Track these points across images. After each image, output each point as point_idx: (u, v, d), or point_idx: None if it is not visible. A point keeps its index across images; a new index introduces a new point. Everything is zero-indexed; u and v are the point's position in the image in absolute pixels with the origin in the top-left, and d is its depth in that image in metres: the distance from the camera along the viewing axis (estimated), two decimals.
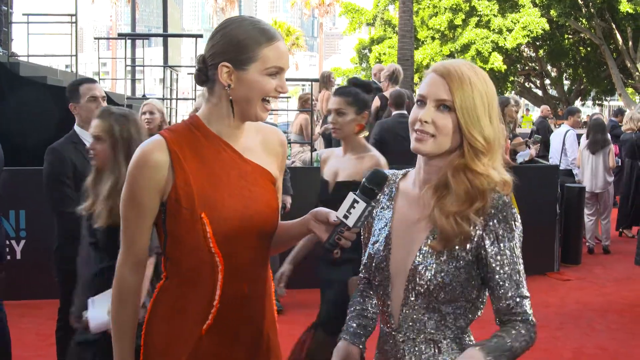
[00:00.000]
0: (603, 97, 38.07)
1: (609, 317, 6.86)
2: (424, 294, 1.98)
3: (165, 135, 2.14)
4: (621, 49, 30.36)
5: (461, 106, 1.96)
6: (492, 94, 2.02)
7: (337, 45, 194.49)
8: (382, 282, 2.09)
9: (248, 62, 2.10)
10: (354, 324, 2.20)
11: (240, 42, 2.09)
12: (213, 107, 2.18)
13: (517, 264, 1.98)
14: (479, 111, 1.97)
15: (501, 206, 1.98)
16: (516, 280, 1.97)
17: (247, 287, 2.21)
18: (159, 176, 2.09)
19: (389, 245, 2.09)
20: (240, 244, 2.16)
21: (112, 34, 56.17)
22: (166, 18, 16.62)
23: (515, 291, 1.97)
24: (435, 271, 1.96)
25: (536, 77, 36.30)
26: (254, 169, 2.22)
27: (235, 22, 2.15)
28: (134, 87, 15.25)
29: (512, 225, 1.98)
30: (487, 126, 1.98)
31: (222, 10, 64.21)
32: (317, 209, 2.21)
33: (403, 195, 2.15)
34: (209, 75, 2.16)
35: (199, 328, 2.16)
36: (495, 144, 2.00)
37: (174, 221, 2.12)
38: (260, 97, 2.13)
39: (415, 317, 2.02)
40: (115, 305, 2.21)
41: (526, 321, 1.98)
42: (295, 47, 62.40)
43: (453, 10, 30.49)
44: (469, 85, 1.97)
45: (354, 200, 2.07)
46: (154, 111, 5.81)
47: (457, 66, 2.01)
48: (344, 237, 2.07)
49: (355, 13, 34.88)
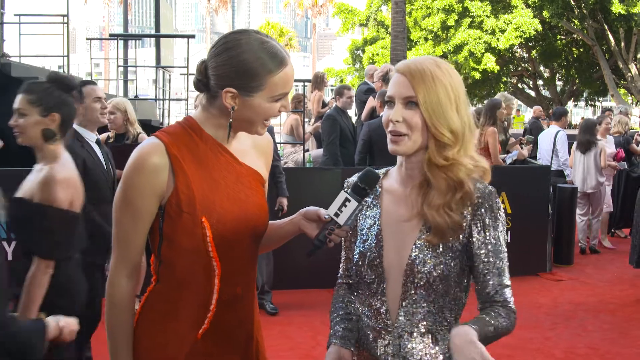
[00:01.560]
0: (595, 98, 38.17)
1: (601, 317, 6.87)
2: (424, 287, 2.03)
3: (162, 138, 2.09)
4: (613, 49, 30.46)
5: (425, 101, 2.01)
6: (457, 85, 2.06)
7: (330, 46, 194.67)
8: (376, 279, 2.12)
9: (255, 90, 2.05)
10: (340, 327, 2.20)
11: (248, 70, 2.02)
12: (211, 116, 2.15)
13: (501, 252, 2.05)
14: (444, 103, 2.02)
15: (487, 195, 2.05)
16: (499, 269, 2.04)
17: (241, 289, 2.21)
18: (158, 180, 2.05)
19: (381, 242, 2.13)
20: (236, 247, 2.15)
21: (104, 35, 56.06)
22: (159, 18, 16.58)
23: (497, 279, 2.03)
24: (435, 263, 2.02)
25: (529, 78, 36.39)
26: (248, 172, 2.22)
27: (243, 45, 2.04)
28: (126, 88, 15.23)
29: (497, 214, 2.05)
30: (453, 118, 2.03)
31: (215, 11, 64.19)
32: (306, 208, 2.24)
33: (388, 194, 2.20)
34: (209, 87, 2.10)
35: (194, 332, 2.14)
36: (464, 134, 2.05)
37: (172, 224, 2.08)
38: (263, 119, 2.12)
39: (414, 310, 2.06)
40: (112, 312, 2.14)
41: (506, 307, 2.03)
42: (288, 47, 62.42)
43: (446, 11, 30.55)
44: (431, 80, 2.02)
45: (346, 199, 2.10)
46: (114, 111, 5.83)
47: (418, 63, 2.06)
48: (335, 234, 2.11)
49: (349, 14, 34.92)
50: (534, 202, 8.23)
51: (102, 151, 4.61)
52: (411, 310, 2.07)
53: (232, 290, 2.16)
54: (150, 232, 2.14)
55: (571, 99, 36.86)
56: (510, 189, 7.83)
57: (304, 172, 8.29)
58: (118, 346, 2.15)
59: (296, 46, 68.00)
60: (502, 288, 2.03)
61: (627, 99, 33.31)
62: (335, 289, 2.35)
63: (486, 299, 2.04)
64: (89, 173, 4.39)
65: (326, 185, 7.29)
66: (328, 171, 7.55)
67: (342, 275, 2.33)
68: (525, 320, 6.47)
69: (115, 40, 12.57)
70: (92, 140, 4.54)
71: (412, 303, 2.06)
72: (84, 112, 4.52)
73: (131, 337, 2.15)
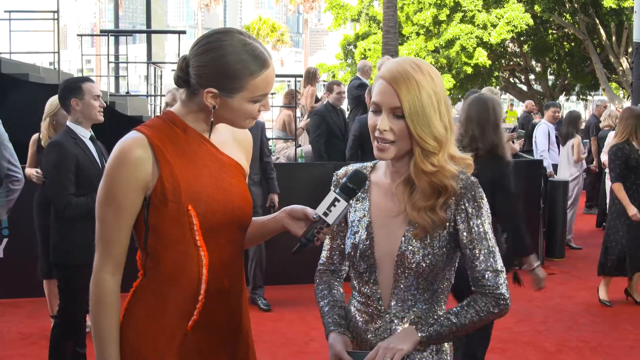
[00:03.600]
0: (587, 92, 38.22)
1: (592, 311, 6.91)
2: (414, 276, 2.12)
3: (144, 131, 2.10)
4: (605, 44, 30.50)
5: (410, 112, 2.05)
6: (440, 89, 2.12)
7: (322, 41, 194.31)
8: (368, 269, 2.20)
9: (235, 91, 2.07)
10: (335, 315, 2.27)
11: (230, 72, 2.05)
12: (191, 111, 2.17)
13: (487, 238, 2.12)
14: (428, 111, 2.07)
15: (470, 186, 2.12)
16: (485, 254, 2.11)
17: (228, 282, 2.21)
18: (142, 173, 2.05)
19: (372, 234, 2.20)
20: (223, 237, 2.16)
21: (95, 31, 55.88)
22: (150, 14, 16.54)
23: (484, 264, 2.11)
24: (424, 254, 2.11)
25: (521, 73, 36.41)
26: (230, 162, 2.24)
27: (226, 47, 2.06)
28: (117, 84, 15.21)
29: (480, 203, 2.12)
30: (437, 125, 2.07)
31: (206, 7, 64.03)
32: (291, 206, 2.27)
33: (376, 187, 2.26)
34: (190, 84, 2.12)
35: (184, 324, 2.14)
36: (446, 138, 2.10)
37: (158, 215, 2.08)
38: (244, 120, 2.15)
39: (406, 297, 2.16)
40: (98, 310, 2.11)
41: (490, 294, 2.10)
42: (280, 43, 62.33)
43: (437, 5, 30.53)
44: (415, 87, 2.06)
45: (335, 199, 2.14)
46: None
47: (402, 69, 2.09)
48: (322, 232, 2.15)
49: (340, 9, 34.83)
50: (526, 196, 8.25)
51: (96, 148, 4.61)
52: (402, 297, 2.16)
53: (219, 282, 2.17)
54: (135, 226, 2.13)
55: (563, 93, 36.86)
56: None
57: (296, 167, 8.29)
58: (105, 344, 2.11)
59: (288, 42, 67.84)
60: (491, 273, 2.10)
61: (619, 93, 33.38)
62: (318, 275, 2.42)
63: (475, 284, 2.13)
64: (82, 170, 4.41)
65: (317, 180, 7.30)
66: (319, 166, 7.56)
67: (325, 263, 2.41)
68: (517, 314, 6.51)
69: (107, 36, 12.52)
70: (86, 137, 4.54)
71: (403, 290, 2.16)
72: (82, 109, 4.51)
73: (118, 335, 2.12)
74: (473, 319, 2.09)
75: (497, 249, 2.14)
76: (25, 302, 6.77)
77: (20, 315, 6.48)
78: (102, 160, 4.64)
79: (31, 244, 6.15)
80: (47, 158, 4.46)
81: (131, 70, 41.36)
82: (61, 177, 4.35)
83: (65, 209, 4.32)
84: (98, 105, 4.55)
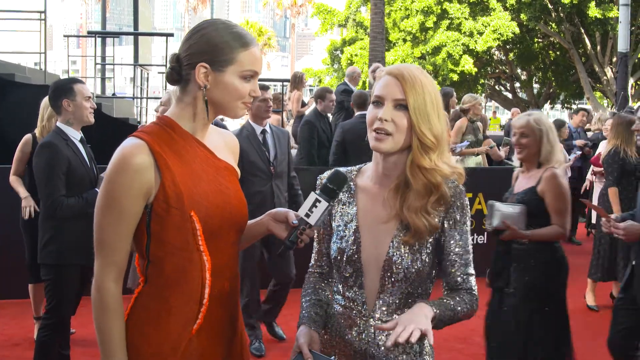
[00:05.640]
0: (572, 101, 38.48)
1: (579, 318, 6.92)
2: (401, 281, 2.18)
3: (144, 137, 2.10)
4: (590, 53, 30.74)
5: (414, 106, 2.14)
6: (438, 94, 2.22)
7: (309, 46, 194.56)
8: (354, 273, 2.24)
9: (226, 64, 2.13)
10: (312, 312, 2.31)
11: (217, 44, 2.12)
12: (186, 107, 2.19)
13: (468, 245, 2.24)
14: (429, 110, 2.16)
15: (458, 194, 2.22)
16: (466, 259, 2.23)
17: (228, 284, 2.24)
18: (144, 179, 2.06)
19: (359, 239, 2.24)
20: (223, 240, 2.19)
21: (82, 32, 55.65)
22: (137, 16, 16.51)
23: (464, 269, 2.22)
24: (412, 260, 2.17)
25: (506, 80, 36.61)
26: (225, 166, 2.27)
27: (212, 25, 2.17)
28: (104, 86, 15.13)
29: (465, 211, 2.23)
30: (435, 123, 2.17)
31: (193, 10, 63.97)
32: (275, 209, 2.32)
33: (363, 191, 2.31)
34: (182, 75, 2.17)
35: (189, 328, 2.15)
36: (442, 139, 2.19)
37: (161, 222, 2.09)
38: (236, 100, 2.17)
39: (391, 301, 2.21)
40: (105, 318, 2.09)
41: (471, 293, 2.23)
42: (267, 47, 62.33)
43: (424, 12, 30.64)
44: (420, 87, 2.16)
45: (316, 200, 2.18)
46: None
47: (409, 69, 2.20)
48: (305, 234, 2.19)
49: (328, 14, 34.91)
50: None
51: (86, 150, 4.60)
52: (387, 301, 2.21)
53: (221, 285, 2.19)
54: (135, 233, 2.13)
55: (548, 101, 37.09)
56: (487, 190, 7.87)
57: None
58: (113, 351, 2.10)
59: (275, 46, 67.90)
60: (468, 277, 2.23)
61: (603, 102, 33.62)
62: (307, 276, 2.47)
63: (453, 287, 2.23)
64: (72, 171, 4.40)
65: (304, 185, 7.30)
66: (305, 171, 7.57)
67: (314, 265, 2.46)
68: None
69: (93, 37, 12.48)
70: (76, 138, 4.53)
71: (388, 295, 2.21)
72: (73, 110, 4.51)
73: (124, 340, 2.12)
74: (464, 310, 2.18)
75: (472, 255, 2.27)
76: (8, 304, 6.73)
77: (5, 317, 6.44)
78: (92, 162, 4.63)
79: (15, 245, 6.11)
80: (38, 158, 4.43)
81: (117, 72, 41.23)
82: (53, 178, 4.33)
83: (57, 209, 4.32)
84: (89, 107, 4.54)
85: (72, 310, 4.60)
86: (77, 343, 5.40)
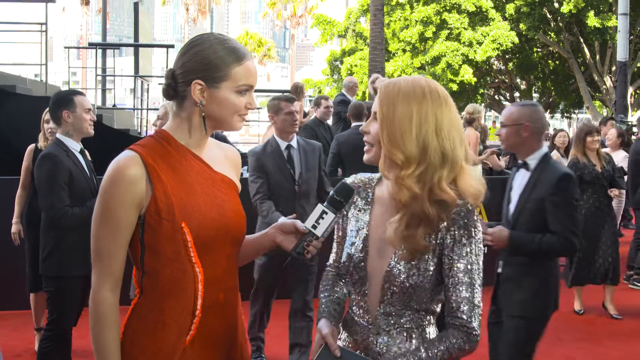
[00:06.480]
0: (571, 110, 38.54)
1: (575, 326, 6.95)
2: (399, 294, 2.15)
3: (137, 150, 2.14)
4: (589, 62, 30.80)
5: (381, 118, 2.12)
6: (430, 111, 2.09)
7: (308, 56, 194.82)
8: (360, 280, 2.25)
9: (220, 80, 2.15)
10: (332, 308, 2.34)
11: (211, 61, 2.14)
12: (182, 121, 2.22)
13: (472, 271, 2.10)
14: (402, 124, 2.08)
15: (464, 213, 2.11)
16: (466, 284, 2.09)
17: (223, 296, 2.24)
18: (137, 190, 2.09)
19: (367, 247, 2.24)
20: (217, 252, 2.20)
21: (82, 43, 55.73)
22: (137, 28, 16.53)
23: (461, 295, 2.09)
24: (408, 274, 2.12)
25: (506, 90, 36.66)
26: (222, 179, 2.28)
27: (206, 41, 2.18)
28: (104, 97, 15.19)
29: (471, 231, 2.10)
30: (407, 141, 2.08)
31: (193, 21, 64.03)
32: (281, 222, 2.33)
33: (378, 201, 2.30)
34: (178, 91, 2.19)
35: (182, 339, 2.16)
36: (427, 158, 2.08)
37: (153, 233, 2.12)
38: (233, 114, 2.19)
39: (391, 312, 2.19)
40: (100, 327, 2.12)
41: (463, 328, 2.08)
42: (266, 58, 62.43)
43: (424, 23, 30.73)
44: (398, 99, 2.11)
45: (323, 211, 2.20)
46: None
47: (396, 81, 2.17)
48: (312, 245, 2.21)
49: (327, 25, 34.99)
50: None
51: (86, 161, 4.62)
52: (387, 312, 2.19)
53: (215, 297, 2.20)
54: (130, 245, 2.16)
55: (547, 111, 37.14)
56: (487, 199, 7.87)
57: None
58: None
59: (275, 57, 67.98)
60: (465, 305, 2.08)
61: (602, 111, 33.65)
62: (325, 273, 2.49)
63: (449, 314, 2.11)
64: (73, 182, 4.41)
65: None
66: None
67: (332, 265, 2.47)
68: None
69: (94, 49, 12.53)
70: (76, 150, 4.55)
71: (389, 305, 2.18)
72: (74, 122, 4.53)
73: (119, 350, 2.15)
74: (443, 356, 2.08)
75: (479, 282, 2.11)
76: (9, 315, 6.73)
77: (6, 328, 6.44)
78: (92, 174, 4.65)
79: (15, 256, 6.12)
80: (40, 170, 4.44)
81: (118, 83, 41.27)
82: (56, 189, 4.34)
83: (63, 219, 4.33)
84: (89, 119, 4.57)
85: (74, 321, 4.60)
86: (79, 354, 5.40)
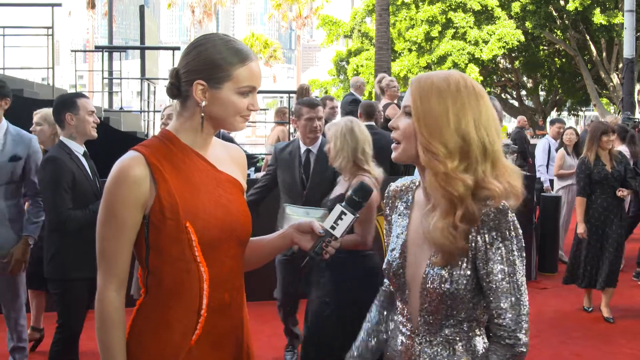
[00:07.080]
0: (578, 108, 38.46)
1: (585, 325, 6.93)
2: (437, 302, 2.05)
3: (141, 150, 2.15)
4: (595, 60, 30.73)
5: (416, 111, 2.01)
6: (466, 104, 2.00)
7: (314, 57, 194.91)
8: (400, 288, 2.18)
9: (222, 81, 2.14)
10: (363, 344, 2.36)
11: (214, 61, 2.14)
12: (185, 121, 2.22)
13: (509, 274, 1.97)
14: (440, 117, 1.98)
15: (493, 214, 1.98)
16: (503, 290, 1.97)
17: (229, 296, 2.24)
18: (141, 191, 2.10)
19: (405, 253, 2.18)
20: (222, 252, 2.19)
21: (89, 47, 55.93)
22: (143, 30, 16.55)
23: (500, 302, 1.98)
24: (441, 281, 2.02)
25: (512, 88, 36.60)
26: (227, 179, 2.28)
27: (210, 42, 2.18)
28: (111, 100, 15.19)
29: (505, 234, 1.97)
30: (447, 134, 1.98)
31: (199, 23, 64.11)
32: (298, 222, 2.30)
33: (417, 205, 2.21)
34: (181, 90, 2.19)
35: (188, 339, 2.16)
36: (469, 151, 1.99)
37: (157, 233, 2.12)
38: (234, 115, 2.19)
39: (432, 321, 2.09)
40: (106, 328, 2.12)
41: (506, 341, 1.99)
42: (272, 59, 62.46)
43: (429, 22, 30.71)
44: (432, 92, 2.01)
45: (342, 212, 2.19)
46: (41, 123, 5.50)
47: (428, 75, 2.08)
48: (330, 246, 2.18)
49: (333, 25, 35.01)
50: (519, 211, 8.25)
51: (89, 164, 4.62)
52: (427, 320, 2.10)
53: (220, 296, 2.20)
54: (135, 245, 2.16)
55: (554, 108, 37.06)
56: None
57: None
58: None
59: (280, 58, 68.00)
60: (504, 312, 1.97)
61: (610, 108, 33.55)
62: (380, 291, 2.45)
63: (491, 322, 2.01)
64: (77, 185, 4.41)
65: None
66: None
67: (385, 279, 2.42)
68: None
69: (100, 52, 12.54)
70: (79, 152, 4.56)
71: (429, 313, 2.08)
72: (77, 125, 4.53)
73: (124, 351, 2.15)
74: None
75: (523, 285, 1.99)
76: None
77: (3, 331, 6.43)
78: (95, 176, 4.65)
79: None
80: (44, 173, 4.45)
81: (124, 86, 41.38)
82: (59, 192, 4.35)
83: (66, 222, 4.33)
84: (92, 121, 4.57)
85: (82, 323, 4.61)
86: (88, 355, 5.41)
